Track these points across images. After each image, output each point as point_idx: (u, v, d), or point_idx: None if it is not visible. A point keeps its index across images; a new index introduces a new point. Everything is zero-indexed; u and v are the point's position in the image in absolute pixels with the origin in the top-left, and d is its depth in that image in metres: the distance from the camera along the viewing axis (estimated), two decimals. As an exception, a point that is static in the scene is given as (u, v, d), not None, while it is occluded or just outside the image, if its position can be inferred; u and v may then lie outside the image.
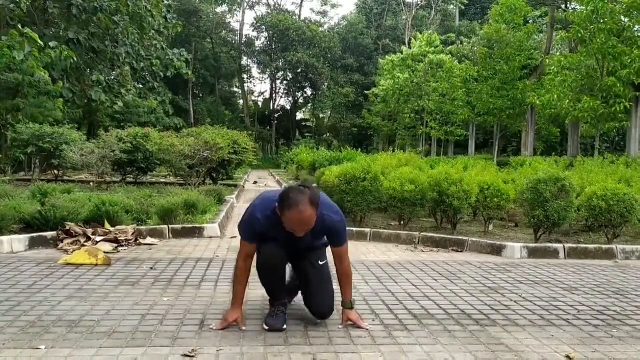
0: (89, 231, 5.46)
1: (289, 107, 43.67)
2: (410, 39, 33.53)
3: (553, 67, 18.34)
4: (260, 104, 46.52)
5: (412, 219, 6.99)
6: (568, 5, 24.00)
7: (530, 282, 4.41)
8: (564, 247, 5.68)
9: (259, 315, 3.20)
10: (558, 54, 23.83)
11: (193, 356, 2.54)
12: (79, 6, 13.65)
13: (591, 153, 25.19)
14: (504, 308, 3.58)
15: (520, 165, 13.37)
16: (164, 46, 17.71)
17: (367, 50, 40.40)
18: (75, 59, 12.23)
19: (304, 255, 3.14)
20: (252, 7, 44.37)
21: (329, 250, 3.19)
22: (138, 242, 5.60)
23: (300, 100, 43.69)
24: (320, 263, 3.15)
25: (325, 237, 3.10)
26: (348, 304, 3.09)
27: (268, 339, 2.80)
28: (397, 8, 42.84)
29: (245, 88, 45.34)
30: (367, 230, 6.48)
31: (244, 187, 13.75)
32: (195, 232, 6.22)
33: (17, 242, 5.10)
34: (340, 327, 3.03)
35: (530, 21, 26.77)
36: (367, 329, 3.01)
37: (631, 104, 15.73)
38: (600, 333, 3.11)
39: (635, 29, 16.36)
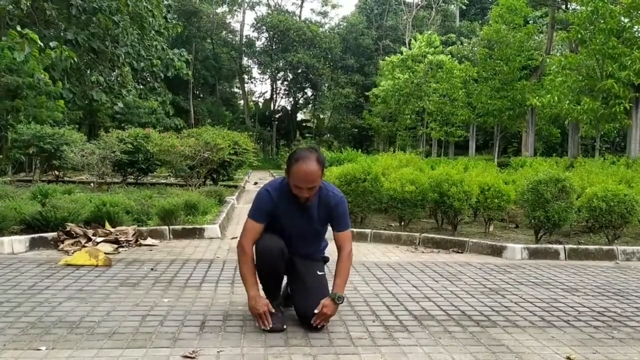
0: (90, 232, 5.46)
1: (289, 108, 43.67)
2: (410, 40, 33.53)
3: (553, 68, 18.33)
4: (260, 104, 46.52)
5: (413, 220, 6.99)
6: (568, 6, 24.00)
7: (530, 283, 4.41)
8: (565, 248, 5.68)
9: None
10: (558, 54, 23.83)
11: (193, 357, 2.54)
12: (78, 6, 13.65)
13: (591, 154, 25.19)
14: (504, 309, 3.58)
15: (521, 166, 13.36)
16: (165, 47, 17.70)
17: (368, 51, 40.40)
18: (76, 60, 12.23)
19: (304, 264, 3.13)
20: (252, 8, 44.33)
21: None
22: (138, 242, 5.60)
23: (301, 101, 43.70)
24: (319, 273, 3.15)
25: (327, 222, 3.11)
26: (334, 295, 2.96)
27: (268, 340, 2.80)
28: (397, 8, 42.83)
29: (246, 88, 45.37)
30: (368, 231, 6.48)
31: (244, 187, 13.75)
32: (195, 233, 6.22)
33: (17, 242, 5.10)
34: (315, 311, 2.91)
35: (530, 21, 26.75)
36: (316, 325, 2.92)
37: (631, 104, 15.71)
38: (600, 334, 3.11)
39: (635, 30, 16.34)
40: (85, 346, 2.65)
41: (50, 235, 5.37)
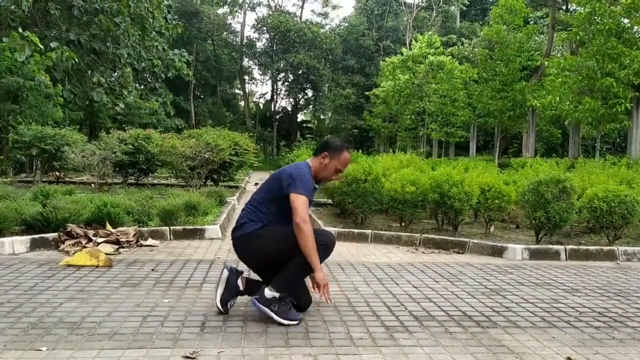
0: (90, 232, 5.46)
1: (290, 109, 43.67)
2: (410, 40, 33.52)
3: (553, 69, 18.31)
4: (261, 105, 46.53)
5: (413, 221, 6.99)
6: (569, 7, 24.00)
7: (531, 283, 4.41)
8: (565, 248, 5.67)
9: (259, 315, 3.18)
10: (559, 55, 23.81)
11: (194, 357, 2.55)
12: (80, 7, 13.69)
13: (592, 154, 25.15)
14: (505, 310, 3.58)
15: (522, 167, 13.34)
16: (165, 47, 17.74)
17: (368, 52, 40.39)
18: (77, 60, 12.25)
19: None
20: (253, 9, 44.40)
21: None
22: (139, 243, 5.61)
23: (302, 102, 43.68)
24: None
25: None
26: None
27: (269, 340, 2.80)
28: (398, 9, 42.83)
29: (247, 89, 45.42)
30: (368, 231, 6.48)
31: (245, 188, 13.75)
32: (196, 234, 6.22)
33: (18, 243, 5.11)
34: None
35: (531, 22, 26.73)
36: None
37: (632, 104, 15.69)
38: (601, 335, 3.11)
39: (635, 30, 16.32)
40: (86, 347, 2.65)
41: (51, 235, 5.37)
